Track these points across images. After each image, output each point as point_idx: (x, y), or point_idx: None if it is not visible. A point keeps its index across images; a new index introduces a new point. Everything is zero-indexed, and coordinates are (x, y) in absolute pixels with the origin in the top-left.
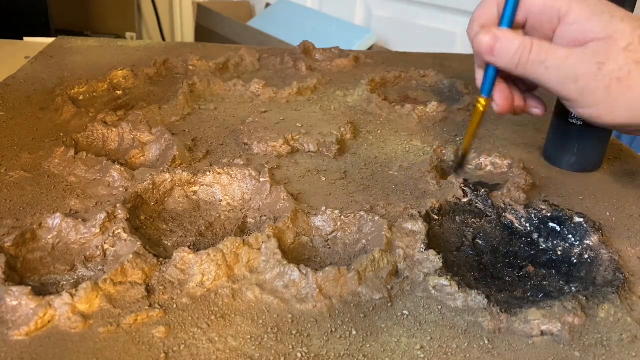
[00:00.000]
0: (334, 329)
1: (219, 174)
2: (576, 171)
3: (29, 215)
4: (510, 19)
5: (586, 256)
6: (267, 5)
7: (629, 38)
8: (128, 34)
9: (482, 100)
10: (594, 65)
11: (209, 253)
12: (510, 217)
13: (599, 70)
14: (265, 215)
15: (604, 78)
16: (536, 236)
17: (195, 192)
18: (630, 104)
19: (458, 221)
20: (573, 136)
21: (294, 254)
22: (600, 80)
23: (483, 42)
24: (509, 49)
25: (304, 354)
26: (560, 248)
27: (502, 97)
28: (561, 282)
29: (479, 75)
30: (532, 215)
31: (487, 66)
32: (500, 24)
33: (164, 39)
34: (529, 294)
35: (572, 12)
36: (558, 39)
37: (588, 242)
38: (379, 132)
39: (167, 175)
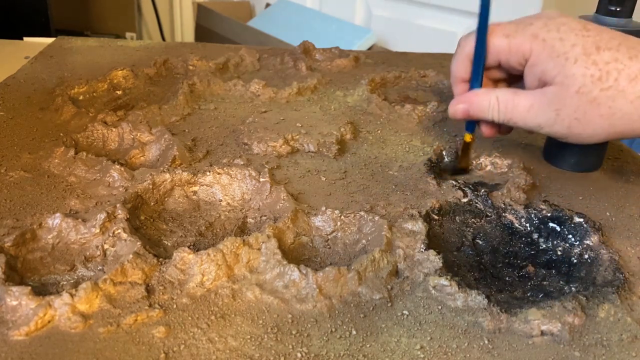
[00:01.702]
0: (334, 329)
1: (219, 174)
2: (577, 171)
3: (29, 215)
4: (479, 72)
5: (586, 256)
6: (267, 5)
7: (580, 80)
8: (128, 34)
9: (469, 136)
10: (553, 112)
11: (209, 253)
12: (510, 217)
13: (557, 116)
14: (265, 215)
15: (563, 121)
16: (536, 236)
17: (195, 192)
18: (593, 133)
19: (458, 221)
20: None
21: (294, 254)
22: (560, 123)
23: (458, 110)
24: (481, 110)
25: (304, 354)
26: (560, 248)
27: (487, 127)
28: (561, 282)
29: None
30: (532, 215)
31: None
32: (472, 77)
33: (164, 39)
34: (529, 294)
35: (533, 55)
36: (527, 77)
37: (588, 242)
38: (379, 132)
39: (167, 175)
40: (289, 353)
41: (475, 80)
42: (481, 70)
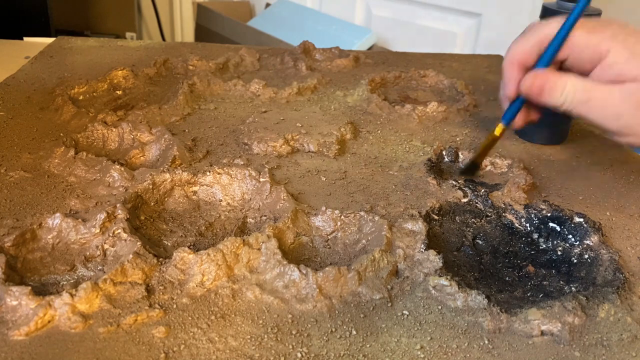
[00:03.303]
0: (334, 329)
1: (219, 174)
2: (547, 144)
3: (29, 215)
4: (551, 58)
5: (586, 256)
6: (267, 5)
7: None
8: (128, 34)
9: (501, 126)
10: (633, 104)
11: (209, 253)
12: (510, 217)
13: (637, 110)
14: (265, 215)
15: None
16: (536, 236)
17: (195, 192)
18: None
19: (458, 221)
20: (546, 112)
21: (294, 254)
22: (638, 117)
23: (534, 85)
24: (557, 89)
25: (304, 354)
26: (560, 248)
27: (521, 119)
28: (561, 282)
29: (505, 104)
30: (532, 215)
31: (517, 98)
32: (540, 61)
33: (164, 39)
34: (529, 294)
35: (612, 53)
36: (596, 76)
37: (588, 242)
38: (379, 132)
39: (167, 175)
40: (289, 353)
41: (547, 59)
42: (555, 53)
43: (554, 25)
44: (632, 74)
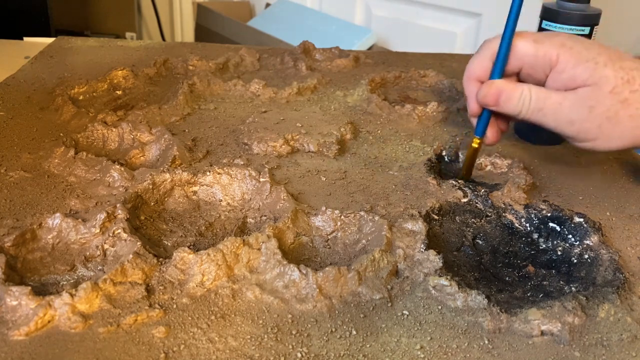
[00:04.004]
0: (334, 329)
1: (219, 174)
2: (547, 144)
3: (29, 215)
4: (502, 68)
5: (586, 256)
6: (267, 5)
7: (613, 82)
8: (128, 34)
9: (477, 140)
10: (586, 109)
11: (209, 253)
12: (510, 217)
13: (590, 113)
14: (265, 215)
15: (595, 119)
16: (536, 236)
17: (195, 192)
18: (622, 134)
19: (458, 221)
20: None
21: (294, 254)
22: (592, 120)
23: (489, 95)
24: (512, 99)
25: (304, 354)
26: (560, 248)
27: (493, 133)
28: (561, 282)
29: (473, 120)
30: (532, 215)
31: (482, 111)
32: (492, 74)
33: (164, 39)
34: (529, 294)
35: (561, 61)
36: (550, 84)
37: (588, 242)
38: (379, 132)
39: (167, 175)
40: (289, 353)
41: (498, 72)
42: (503, 67)
43: (499, 39)
44: (582, 78)
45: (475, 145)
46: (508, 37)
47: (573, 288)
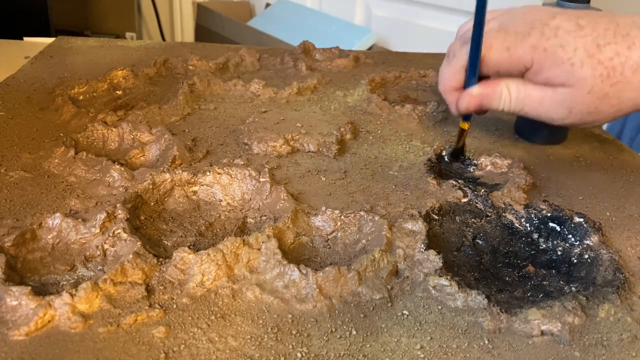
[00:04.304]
0: (334, 329)
1: (219, 174)
2: (547, 144)
3: (29, 215)
4: (475, 75)
5: (586, 256)
6: (267, 5)
7: (590, 82)
8: (128, 34)
9: (466, 124)
10: (565, 109)
11: (209, 253)
12: (510, 217)
13: (570, 113)
14: (265, 215)
15: (576, 116)
16: (536, 236)
17: (195, 192)
18: (603, 119)
19: (458, 221)
20: None
21: (294, 254)
22: (573, 117)
23: (470, 104)
24: (492, 102)
25: (304, 354)
26: (560, 248)
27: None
28: (561, 282)
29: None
30: (532, 215)
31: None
32: (467, 82)
33: (164, 39)
34: (529, 294)
35: (535, 64)
36: (528, 79)
37: (588, 242)
38: (379, 132)
39: (167, 175)
40: (289, 353)
41: (472, 78)
42: (477, 70)
43: (465, 46)
44: (559, 80)
45: (465, 127)
46: (475, 47)
47: (573, 288)
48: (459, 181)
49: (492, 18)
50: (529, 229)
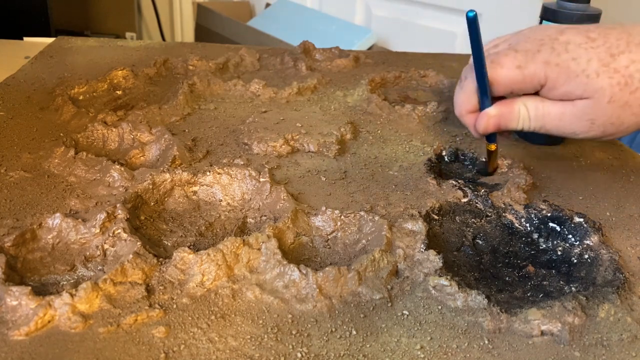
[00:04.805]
0: (334, 329)
1: (219, 174)
2: (547, 144)
3: (29, 215)
4: (489, 99)
5: (586, 256)
6: (267, 5)
7: (609, 92)
8: (128, 34)
9: (493, 146)
10: (587, 122)
11: (209, 253)
12: (510, 217)
13: (592, 124)
14: (265, 215)
15: (599, 127)
16: (536, 236)
17: (195, 192)
18: (626, 129)
19: (458, 221)
20: None
21: (294, 254)
22: (596, 129)
23: (488, 126)
24: (511, 122)
25: (304, 354)
26: (560, 248)
27: (504, 134)
28: (561, 282)
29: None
30: (532, 215)
31: None
32: (481, 105)
33: (164, 39)
34: (529, 294)
35: (550, 80)
36: (544, 96)
37: (588, 242)
38: (379, 132)
39: (167, 175)
40: (289, 353)
41: (485, 99)
42: (488, 90)
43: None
44: (577, 93)
45: (492, 148)
46: (480, 69)
47: (573, 288)
48: (459, 181)
49: (502, 41)
50: (529, 229)
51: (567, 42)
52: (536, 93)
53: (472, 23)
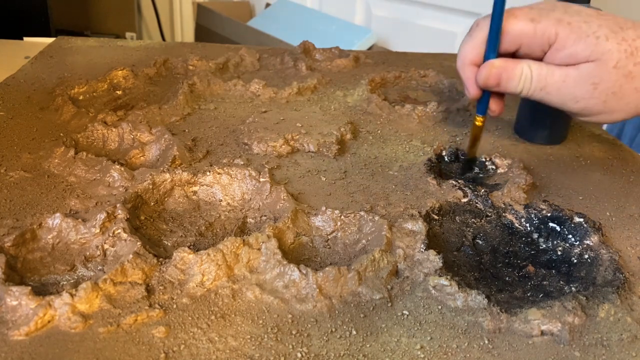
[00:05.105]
0: (334, 329)
1: (219, 174)
2: (547, 144)
3: (29, 215)
4: (495, 47)
5: (586, 256)
6: (267, 5)
7: (616, 56)
8: (128, 34)
9: (480, 118)
10: (590, 86)
11: (209, 253)
12: (510, 217)
13: (595, 90)
14: (265, 215)
15: (600, 94)
16: (536, 236)
17: (195, 192)
18: (626, 107)
19: (458, 221)
20: (546, 112)
21: (294, 254)
22: (597, 96)
23: (490, 76)
24: (514, 78)
25: (304, 354)
26: (560, 248)
27: (497, 106)
28: (561, 282)
29: (474, 102)
30: (532, 215)
31: (483, 91)
32: (487, 54)
33: (164, 39)
34: (529, 294)
35: (560, 37)
36: (550, 59)
37: (588, 242)
38: (379, 132)
39: (167, 175)
40: (289, 353)
41: (491, 53)
42: (497, 47)
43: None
44: (584, 54)
45: (479, 123)
46: (498, 17)
47: (573, 288)
48: (459, 181)
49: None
50: (529, 229)
51: (580, 10)
52: (542, 56)
53: None
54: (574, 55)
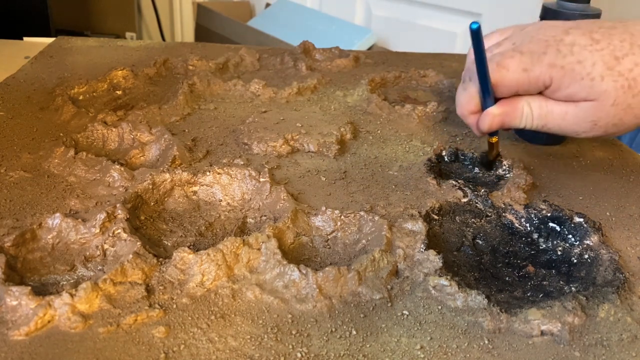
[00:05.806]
0: (334, 329)
1: (218, 174)
2: (547, 144)
3: (29, 215)
4: (493, 100)
5: (586, 256)
6: (267, 5)
7: (614, 95)
8: (128, 34)
9: (494, 138)
10: (589, 123)
11: (208, 253)
12: (510, 217)
13: (595, 126)
14: (265, 215)
15: (600, 128)
16: (536, 236)
17: (195, 192)
18: (628, 129)
19: (458, 221)
20: None
21: (294, 254)
22: (597, 130)
23: (492, 124)
24: (514, 120)
25: (304, 354)
26: (560, 248)
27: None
28: (561, 282)
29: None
30: (532, 215)
31: None
32: (484, 105)
33: (164, 39)
34: (529, 294)
35: (555, 82)
36: (549, 95)
37: (588, 242)
38: (379, 132)
39: (167, 175)
40: (289, 353)
41: (488, 100)
42: (491, 92)
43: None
44: (580, 95)
45: (493, 140)
46: (483, 78)
47: (573, 288)
48: (459, 181)
49: (504, 38)
50: (529, 229)
51: (572, 44)
52: (540, 93)
53: (476, 35)
54: (571, 95)
